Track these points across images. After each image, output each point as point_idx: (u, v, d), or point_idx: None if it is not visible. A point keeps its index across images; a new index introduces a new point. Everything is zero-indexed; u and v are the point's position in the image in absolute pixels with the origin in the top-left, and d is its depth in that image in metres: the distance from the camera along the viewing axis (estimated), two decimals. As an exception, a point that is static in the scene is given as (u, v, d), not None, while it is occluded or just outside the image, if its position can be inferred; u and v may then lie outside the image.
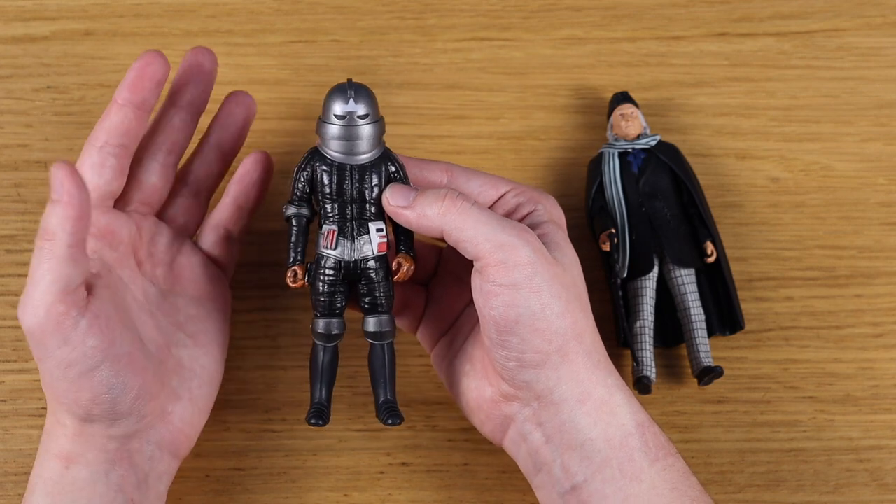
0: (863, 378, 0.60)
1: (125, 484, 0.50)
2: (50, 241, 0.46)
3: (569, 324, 0.49)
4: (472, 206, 0.50)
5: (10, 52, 0.66)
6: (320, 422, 0.51)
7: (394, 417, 0.51)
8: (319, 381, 0.52)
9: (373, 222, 0.51)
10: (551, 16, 0.69)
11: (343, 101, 0.51)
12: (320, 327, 0.52)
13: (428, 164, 0.54)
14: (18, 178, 0.63)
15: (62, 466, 0.50)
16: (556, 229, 0.52)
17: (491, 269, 0.49)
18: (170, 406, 0.52)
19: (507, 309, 0.48)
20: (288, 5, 0.69)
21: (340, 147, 0.51)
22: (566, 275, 0.50)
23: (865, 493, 0.57)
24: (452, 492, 0.57)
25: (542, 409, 0.50)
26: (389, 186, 0.51)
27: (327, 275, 0.51)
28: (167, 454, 0.52)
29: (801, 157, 0.65)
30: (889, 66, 0.68)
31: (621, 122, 0.61)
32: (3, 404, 0.58)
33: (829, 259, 0.63)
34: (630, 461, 0.49)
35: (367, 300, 0.52)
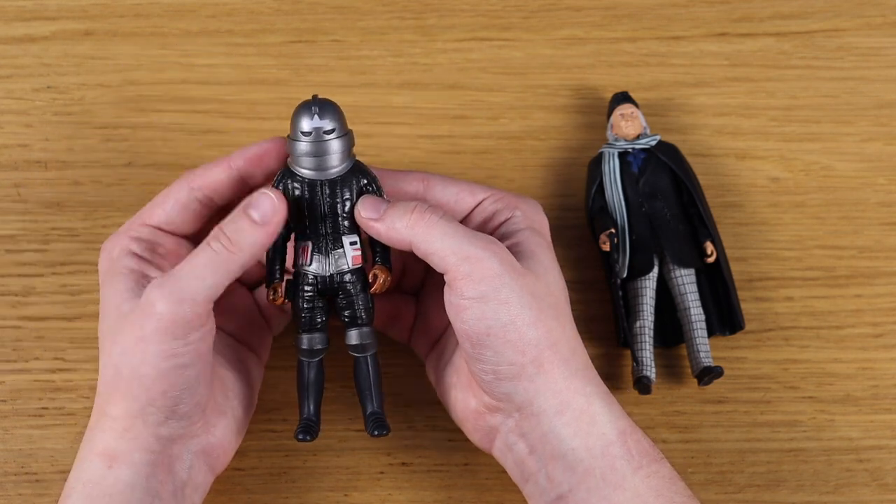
0: (863, 378, 0.60)
1: (162, 491, 0.50)
2: (233, 253, 0.48)
3: (542, 333, 0.49)
4: (439, 218, 0.49)
5: (10, 52, 0.66)
6: (308, 437, 0.52)
7: (380, 429, 0.52)
8: (307, 396, 0.53)
9: (346, 236, 0.51)
10: (551, 16, 0.69)
11: (308, 117, 0.50)
12: (303, 343, 0.52)
13: (404, 176, 0.54)
14: (18, 178, 0.63)
15: (104, 466, 0.49)
16: (532, 236, 0.52)
17: (458, 283, 0.48)
18: (214, 419, 0.52)
19: (478, 322, 0.48)
20: (288, 5, 0.69)
21: (310, 163, 0.51)
22: (538, 283, 0.50)
23: (865, 493, 0.57)
24: (452, 492, 0.57)
25: (524, 420, 0.50)
26: (361, 199, 0.51)
27: (305, 291, 0.52)
28: (204, 466, 0.52)
29: (801, 157, 0.65)
30: (889, 66, 0.68)
31: (621, 122, 0.61)
32: (3, 404, 0.58)
33: (829, 259, 0.63)
34: (612, 470, 0.48)
35: (347, 313, 0.52)
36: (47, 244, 0.62)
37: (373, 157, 0.59)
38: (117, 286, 0.50)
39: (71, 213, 0.63)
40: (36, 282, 0.61)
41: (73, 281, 0.61)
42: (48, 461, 0.57)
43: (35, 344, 0.59)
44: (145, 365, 0.48)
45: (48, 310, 0.60)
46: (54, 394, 0.58)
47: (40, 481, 0.57)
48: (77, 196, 0.63)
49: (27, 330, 0.60)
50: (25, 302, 0.60)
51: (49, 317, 0.60)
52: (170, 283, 0.48)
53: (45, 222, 0.62)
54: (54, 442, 0.57)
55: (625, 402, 0.58)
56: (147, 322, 0.48)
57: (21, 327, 0.60)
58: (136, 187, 0.63)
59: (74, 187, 0.63)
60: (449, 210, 0.53)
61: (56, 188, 0.63)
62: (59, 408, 0.58)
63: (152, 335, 0.48)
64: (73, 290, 0.61)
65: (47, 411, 0.58)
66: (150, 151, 0.64)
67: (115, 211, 0.63)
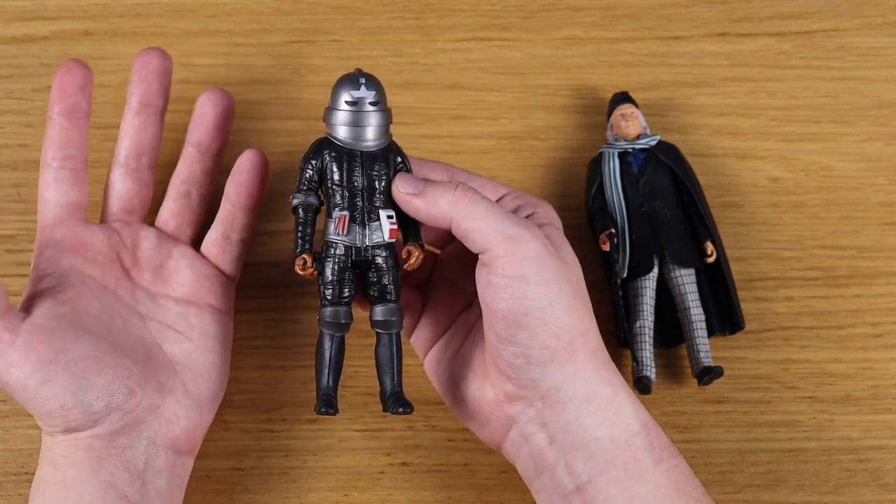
0: (863, 378, 0.60)
1: (116, 480, 0.50)
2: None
3: (576, 320, 0.49)
4: (481, 198, 0.50)
5: (10, 52, 0.66)
6: (331, 410, 0.50)
7: (404, 406, 0.51)
8: (327, 370, 0.51)
9: (383, 209, 0.51)
10: (551, 16, 0.69)
11: (354, 87, 0.51)
12: (328, 315, 0.51)
13: (429, 164, 0.54)
14: (18, 178, 0.63)
15: (52, 468, 0.50)
16: (556, 232, 0.52)
17: (500, 261, 0.48)
18: (158, 400, 0.52)
19: (517, 301, 0.48)
20: (288, 5, 0.69)
21: (349, 133, 0.51)
22: (571, 273, 0.50)
23: (865, 493, 0.57)
24: (452, 492, 0.57)
25: (547, 408, 0.50)
26: (398, 175, 0.52)
27: (337, 261, 0.51)
28: (164, 449, 0.52)
29: (801, 157, 0.65)
30: (889, 66, 0.68)
31: (621, 122, 0.61)
32: (3, 404, 0.58)
33: (829, 259, 0.63)
34: (635, 461, 0.49)
35: (376, 289, 0.52)
36: (47, 244, 0.62)
37: (373, 157, 0.59)
38: None
39: (71, 213, 0.63)
40: (36, 282, 0.61)
41: (73, 281, 0.61)
42: (48, 461, 0.57)
43: (35, 344, 0.59)
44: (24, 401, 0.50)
45: (48, 310, 0.60)
46: (54, 394, 0.58)
47: (40, 481, 0.57)
48: (77, 196, 0.63)
49: (27, 330, 0.60)
50: (25, 302, 0.60)
51: (49, 317, 0.60)
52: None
53: (45, 222, 0.62)
54: (54, 442, 0.57)
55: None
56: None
57: (21, 327, 0.60)
58: (136, 187, 0.63)
59: (74, 187, 0.63)
60: None
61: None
62: (59, 408, 0.58)
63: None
64: (73, 290, 0.61)
65: (47, 411, 0.58)
66: (150, 151, 0.64)
67: (115, 211, 0.63)
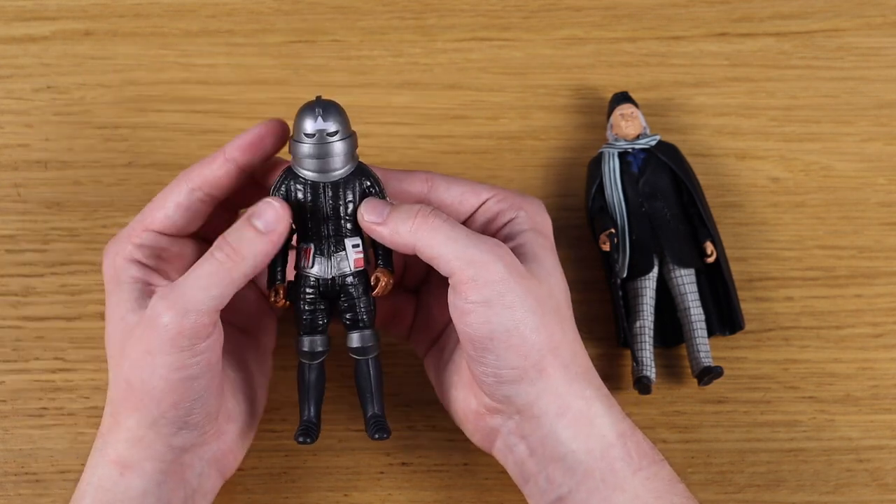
0: (863, 378, 0.60)
1: (173, 499, 0.50)
2: (236, 263, 0.48)
3: (544, 339, 0.49)
4: (443, 222, 0.49)
5: (10, 52, 0.66)
6: (308, 440, 0.52)
7: (380, 432, 0.51)
8: (307, 399, 0.53)
9: (349, 238, 0.51)
10: (551, 16, 0.69)
11: (312, 118, 0.50)
12: (304, 345, 0.52)
13: (408, 176, 0.53)
14: (18, 178, 0.63)
15: (117, 473, 0.49)
16: (535, 237, 0.52)
17: (463, 287, 0.48)
18: (225, 426, 0.52)
19: (481, 326, 0.48)
20: (288, 5, 0.69)
21: (313, 165, 0.50)
22: (541, 287, 0.50)
23: (865, 493, 0.57)
24: (452, 492, 0.57)
25: (524, 422, 0.50)
26: (364, 202, 0.51)
27: (307, 293, 0.51)
28: (215, 472, 0.52)
29: (801, 157, 0.65)
30: (889, 66, 0.68)
31: (621, 122, 0.61)
32: (3, 404, 0.58)
33: (829, 259, 0.63)
34: (612, 472, 0.48)
35: (349, 316, 0.52)
36: (47, 244, 0.62)
37: (373, 158, 0.59)
38: (122, 296, 0.50)
39: (71, 213, 0.63)
40: (36, 282, 0.61)
41: (73, 281, 0.61)
42: (48, 461, 0.57)
43: (35, 344, 0.59)
44: (154, 377, 0.48)
45: (48, 310, 0.60)
46: (54, 394, 0.58)
47: (40, 481, 0.57)
48: (77, 196, 0.63)
49: (27, 330, 0.60)
50: (25, 302, 0.60)
51: (49, 317, 0.60)
52: (174, 295, 0.48)
53: (45, 222, 0.62)
54: (54, 442, 0.57)
55: (625, 402, 0.58)
56: (153, 334, 0.48)
57: (21, 327, 0.60)
58: (136, 187, 0.63)
59: (74, 187, 0.63)
60: (453, 211, 0.53)
61: (56, 188, 0.63)
62: (59, 408, 0.58)
63: (159, 347, 0.48)
64: (73, 290, 0.61)
65: (47, 411, 0.58)
66: (150, 151, 0.64)
67: (116, 211, 0.63)
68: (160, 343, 0.48)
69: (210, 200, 0.52)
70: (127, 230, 0.52)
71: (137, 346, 0.48)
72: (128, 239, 0.52)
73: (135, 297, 0.50)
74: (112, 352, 0.50)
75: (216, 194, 0.52)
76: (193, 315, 0.47)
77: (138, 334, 0.48)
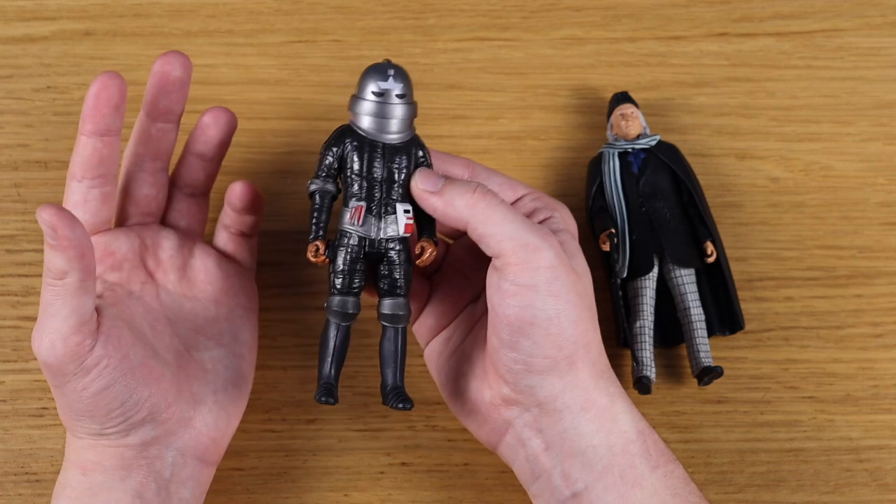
0: (863, 378, 0.60)
1: (144, 490, 0.50)
2: (61, 280, 0.47)
3: (580, 332, 0.49)
4: (500, 202, 0.49)
5: (10, 52, 0.66)
6: (331, 399, 0.50)
7: (405, 402, 0.50)
8: (330, 358, 0.51)
9: (401, 203, 0.51)
10: (551, 16, 0.69)
11: (382, 78, 0.51)
12: (336, 304, 0.51)
13: (450, 158, 0.54)
14: (18, 178, 0.63)
15: (80, 473, 0.50)
16: (571, 239, 0.52)
17: (512, 268, 0.48)
18: (190, 412, 0.52)
19: (524, 310, 0.48)
20: (288, 5, 0.69)
21: (373, 124, 0.51)
22: (580, 283, 0.50)
23: (865, 493, 0.57)
24: (452, 492, 0.57)
25: (543, 415, 0.50)
26: (418, 170, 0.51)
27: (350, 251, 0.51)
28: (192, 459, 0.52)
29: (801, 157, 0.65)
30: (889, 66, 0.68)
31: (621, 122, 0.61)
32: (3, 404, 0.58)
33: (829, 259, 0.63)
34: (632, 468, 0.49)
35: (387, 282, 0.51)
36: (47, 244, 0.62)
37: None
38: None
39: (71, 213, 0.62)
40: (36, 282, 0.61)
41: (73, 281, 0.61)
42: (48, 461, 0.57)
43: (35, 344, 0.59)
44: (75, 403, 0.49)
45: (48, 310, 0.60)
46: (54, 394, 0.58)
47: (40, 481, 0.57)
48: (77, 196, 0.63)
49: (27, 330, 0.60)
50: (25, 302, 0.60)
51: (49, 317, 0.60)
52: (36, 333, 0.48)
53: (45, 222, 0.62)
54: (54, 442, 0.57)
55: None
56: (45, 372, 0.49)
57: (21, 327, 0.60)
58: (136, 187, 0.63)
59: (74, 187, 0.63)
60: None
61: (56, 188, 0.63)
62: (59, 408, 0.58)
63: (55, 381, 0.49)
64: (73, 290, 0.61)
65: (47, 411, 0.58)
66: (150, 151, 0.64)
67: (115, 211, 0.63)
68: (53, 378, 0.49)
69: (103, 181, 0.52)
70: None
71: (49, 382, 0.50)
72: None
73: None
74: None
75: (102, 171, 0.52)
76: (60, 343, 0.48)
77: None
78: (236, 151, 0.64)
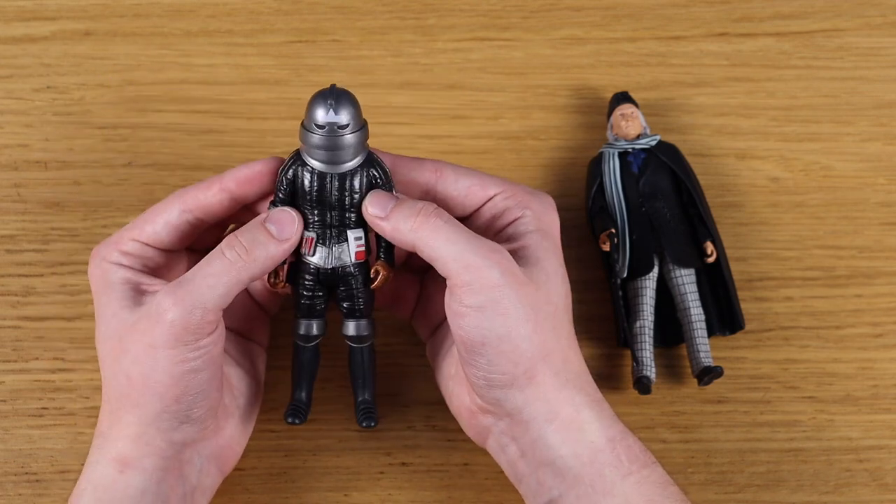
0: (863, 378, 0.60)
1: (172, 496, 0.50)
2: (247, 262, 0.48)
3: (536, 346, 0.49)
4: (444, 223, 0.49)
5: (10, 52, 0.66)
6: (297, 420, 0.53)
7: (368, 420, 0.53)
8: (300, 381, 0.54)
9: (352, 230, 0.51)
10: (551, 16, 0.69)
11: (324, 110, 0.49)
12: (301, 329, 0.53)
13: (418, 164, 0.53)
14: (18, 178, 0.63)
15: (116, 471, 0.49)
16: (540, 240, 0.51)
17: (459, 290, 0.48)
18: (224, 421, 0.52)
19: (474, 330, 0.48)
20: (288, 5, 0.69)
21: (322, 156, 0.50)
22: (538, 293, 0.49)
23: (865, 493, 0.57)
24: (452, 492, 0.57)
25: (514, 425, 0.50)
26: (370, 194, 0.50)
27: (307, 280, 0.52)
28: (214, 468, 0.52)
29: (801, 157, 0.65)
30: (889, 66, 0.68)
31: (621, 122, 0.61)
32: (3, 404, 0.58)
33: (828, 259, 0.63)
34: (601, 477, 0.48)
35: (346, 305, 0.52)
36: (47, 244, 0.62)
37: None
38: (113, 295, 0.51)
39: (71, 213, 0.63)
40: (36, 282, 0.61)
41: (73, 281, 0.61)
42: (48, 461, 0.57)
43: (35, 344, 0.59)
44: (157, 372, 0.48)
45: (48, 310, 0.60)
46: (54, 394, 0.58)
47: (40, 481, 0.57)
48: (77, 196, 0.63)
49: (27, 330, 0.60)
50: (25, 302, 0.60)
51: (49, 317, 0.60)
52: (181, 291, 0.48)
53: (45, 222, 0.62)
54: (54, 442, 0.57)
55: (625, 402, 0.58)
56: (158, 329, 0.48)
57: (21, 327, 0.60)
58: (136, 187, 0.63)
59: (74, 187, 0.63)
60: (458, 203, 0.53)
61: (56, 188, 0.63)
62: (59, 408, 0.58)
63: (164, 342, 0.48)
64: (73, 290, 0.61)
65: (47, 411, 0.58)
66: (150, 151, 0.64)
67: (115, 211, 0.63)
68: (165, 338, 0.48)
69: (199, 224, 0.53)
70: (115, 237, 0.53)
71: (140, 340, 0.48)
72: (115, 245, 0.52)
73: (127, 295, 0.50)
74: (106, 348, 0.50)
75: (207, 219, 0.53)
76: (199, 312, 0.48)
77: (141, 329, 0.49)
78: (236, 151, 0.64)
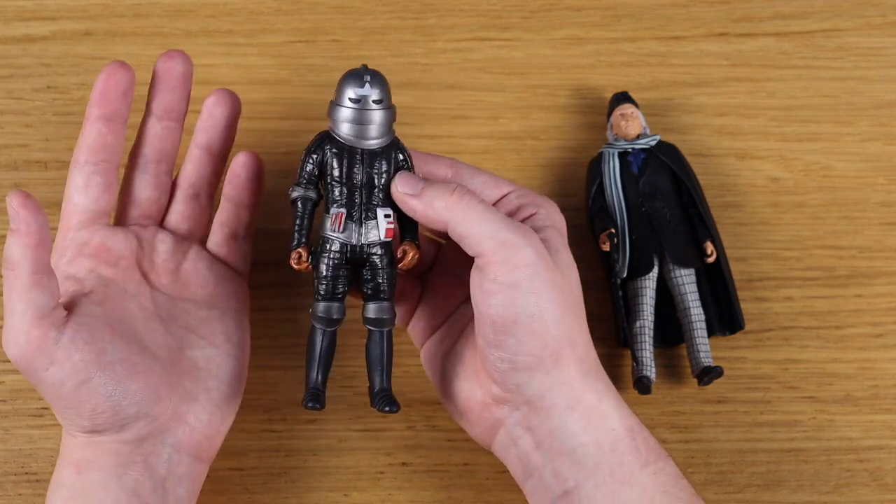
0: (863, 378, 0.60)
1: (140, 487, 0.50)
2: (13, 271, 0.47)
3: (564, 330, 0.49)
4: (478, 202, 0.50)
5: (10, 52, 0.66)
6: (317, 405, 0.51)
7: (391, 405, 0.51)
8: (317, 365, 0.52)
9: (381, 208, 0.51)
10: (551, 16, 0.69)
11: (358, 85, 0.51)
12: (320, 310, 0.52)
13: (433, 159, 0.54)
14: (18, 178, 0.63)
15: (75, 472, 0.50)
16: (556, 235, 0.52)
17: (492, 267, 0.48)
18: (184, 407, 0.52)
19: (506, 308, 0.48)
20: (288, 5, 0.69)
21: (352, 131, 0.51)
22: (564, 280, 0.50)
23: (865, 493, 0.57)
24: (452, 492, 0.57)
25: (532, 413, 0.50)
26: (398, 174, 0.51)
27: (332, 258, 0.51)
28: (187, 456, 0.52)
29: (801, 157, 0.65)
30: (889, 66, 0.68)
31: (621, 122, 0.61)
32: (3, 404, 0.58)
33: (828, 259, 0.63)
34: (621, 466, 0.49)
35: (370, 286, 0.52)
36: (47, 244, 0.62)
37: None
38: None
39: (71, 213, 0.62)
40: (36, 282, 0.61)
41: (73, 281, 0.61)
42: (48, 461, 0.57)
43: (35, 344, 0.59)
44: (56, 400, 0.49)
45: (48, 310, 0.60)
46: (54, 394, 0.58)
47: (40, 481, 0.57)
48: (77, 196, 0.63)
49: (27, 330, 0.60)
50: (25, 302, 0.60)
51: (49, 317, 0.60)
52: (3, 333, 0.49)
53: (45, 222, 0.62)
54: (54, 442, 0.57)
55: (625, 402, 0.58)
56: (21, 371, 0.49)
57: (21, 327, 0.60)
58: (136, 187, 0.63)
59: (74, 187, 0.63)
60: None
61: (56, 188, 0.63)
62: (59, 408, 0.58)
63: (30, 378, 0.49)
64: (73, 290, 0.61)
65: (47, 411, 0.58)
66: (150, 151, 0.64)
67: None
68: (28, 375, 0.49)
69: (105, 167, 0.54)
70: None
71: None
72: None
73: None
74: None
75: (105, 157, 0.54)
76: (22, 338, 0.48)
77: None
78: (236, 151, 0.64)
